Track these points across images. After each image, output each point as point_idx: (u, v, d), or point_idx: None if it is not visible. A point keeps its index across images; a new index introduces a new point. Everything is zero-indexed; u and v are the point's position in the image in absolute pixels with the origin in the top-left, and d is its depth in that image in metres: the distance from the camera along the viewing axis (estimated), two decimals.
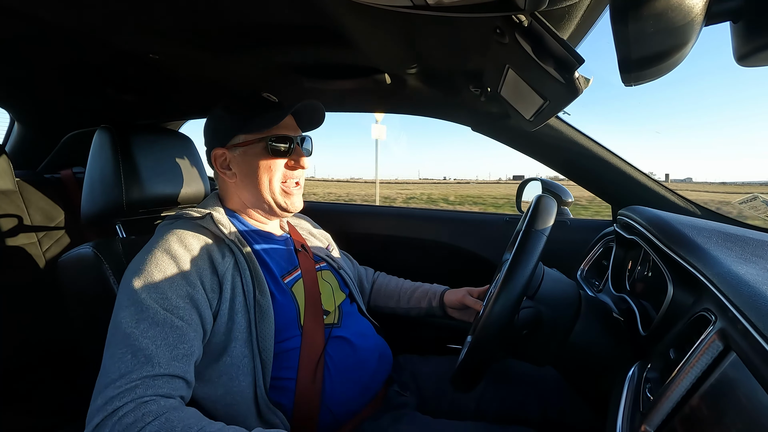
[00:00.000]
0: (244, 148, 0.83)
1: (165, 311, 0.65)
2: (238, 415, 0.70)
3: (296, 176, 0.87)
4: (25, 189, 1.25)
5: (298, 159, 0.85)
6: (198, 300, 0.69)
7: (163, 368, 0.60)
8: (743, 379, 0.37)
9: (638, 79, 0.43)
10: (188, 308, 0.67)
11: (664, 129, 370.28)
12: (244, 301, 0.73)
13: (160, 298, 0.66)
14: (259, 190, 0.84)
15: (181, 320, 0.66)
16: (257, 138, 0.82)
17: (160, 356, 0.61)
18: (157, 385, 0.59)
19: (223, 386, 0.70)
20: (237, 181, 0.85)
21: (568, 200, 1.26)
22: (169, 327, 0.64)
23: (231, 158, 0.85)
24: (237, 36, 0.77)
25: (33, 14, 0.69)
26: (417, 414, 0.82)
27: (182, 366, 0.63)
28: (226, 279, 0.73)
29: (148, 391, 0.58)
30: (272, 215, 0.89)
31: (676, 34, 0.37)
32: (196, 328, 0.68)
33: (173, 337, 0.64)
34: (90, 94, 1.16)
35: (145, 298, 0.65)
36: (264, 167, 0.83)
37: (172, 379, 0.61)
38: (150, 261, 0.70)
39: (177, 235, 0.74)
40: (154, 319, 0.64)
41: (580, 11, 0.58)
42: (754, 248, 0.59)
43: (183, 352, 0.64)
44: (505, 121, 1.17)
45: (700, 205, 1.09)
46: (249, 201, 0.87)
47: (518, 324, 0.68)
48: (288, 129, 0.86)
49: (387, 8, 0.49)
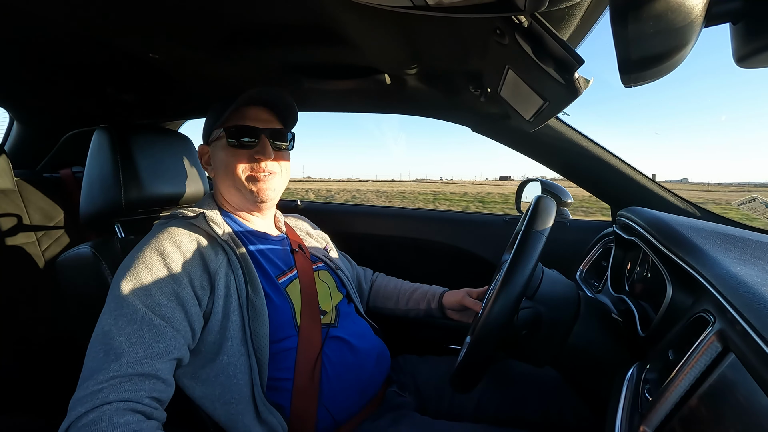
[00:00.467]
0: (215, 143, 0.85)
1: (145, 308, 0.65)
2: (237, 414, 0.70)
3: (264, 169, 0.83)
4: (25, 188, 1.25)
5: (263, 151, 0.81)
6: (184, 298, 0.69)
7: (132, 367, 0.60)
8: (742, 380, 0.37)
9: (638, 80, 0.43)
10: (172, 306, 0.67)
11: (659, 129, 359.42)
12: (237, 300, 0.74)
13: (143, 296, 0.66)
14: (228, 183, 0.84)
15: (161, 319, 0.65)
16: (222, 129, 0.83)
17: (131, 354, 0.61)
18: (123, 389, 0.58)
19: (220, 385, 0.70)
20: (215, 177, 0.88)
21: (568, 201, 1.27)
22: (147, 325, 0.64)
23: (211, 153, 0.88)
24: (237, 36, 0.77)
25: (33, 13, 0.69)
26: (416, 415, 0.82)
27: (155, 364, 0.62)
28: (219, 277, 0.73)
29: (110, 396, 0.57)
30: (254, 209, 0.88)
31: (676, 36, 0.37)
32: (179, 326, 0.67)
33: (150, 336, 0.63)
34: (89, 94, 1.16)
35: (127, 295, 0.65)
36: (228, 156, 0.82)
37: (140, 380, 0.60)
38: (138, 259, 0.70)
39: (169, 233, 0.75)
40: (133, 316, 0.64)
41: (580, 12, 0.58)
42: (753, 249, 0.59)
43: (158, 351, 0.63)
44: (505, 121, 1.17)
45: (699, 206, 1.09)
46: (227, 195, 0.87)
47: (517, 324, 0.68)
48: (256, 121, 0.83)
49: (387, 8, 0.49)
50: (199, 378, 0.71)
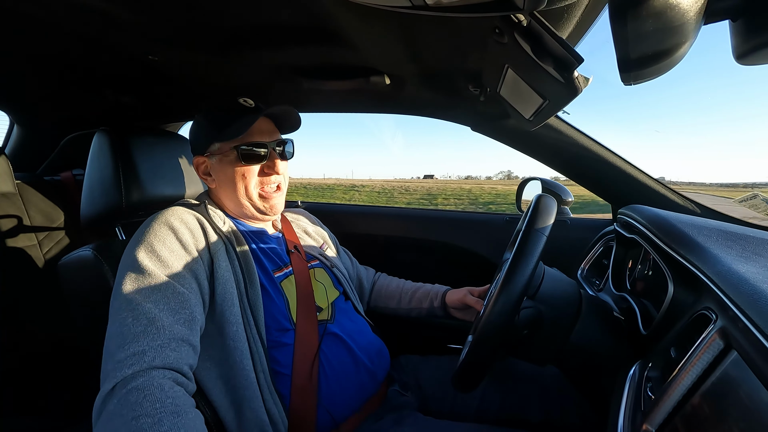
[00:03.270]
0: (220, 156, 0.83)
1: (167, 277, 0.66)
2: (246, 399, 0.70)
3: (273, 181, 0.86)
4: (25, 191, 1.25)
5: (273, 165, 0.84)
6: (196, 269, 0.71)
7: (168, 331, 0.61)
8: (744, 377, 0.37)
9: (638, 78, 0.43)
10: (188, 277, 0.69)
11: (655, 129, 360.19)
12: (235, 287, 0.74)
13: (161, 265, 0.67)
14: (237, 197, 0.84)
15: (182, 286, 0.67)
16: (230, 146, 0.82)
17: (163, 319, 0.61)
18: (166, 354, 0.59)
19: (230, 368, 0.71)
20: (217, 188, 0.87)
21: (568, 199, 1.27)
22: (171, 292, 0.65)
23: (210, 166, 0.86)
24: (236, 37, 0.77)
25: (32, 16, 0.69)
26: (419, 415, 0.82)
27: (185, 330, 0.63)
28: (219, 260, 0.75)
29: (156, 360, 0.57)
30: (256, 220, 0.90)
31: (675, 33, 0.37)
32: (197, 296, 0.69)
33: (175, 302, 0.64)
34: (89, 97, 1.16)
35: (146, 265, 0.66)
36: (239, 175, 0.82)
37: (178, 345, 0.61)
38: (149, 232, 0.71)
39: (173, 211, 0.77)
40: (156, 285, 0.64)
41: (579, 10, 0.58)
42: (754, 246, 0.59)
43: (186, 317, 0.64)
44: (505, 120, 1.17)
45: (700, 203, 1.09)
46: (231, 206, 0.87)
47: (519, 323, 0.68)
48: (262, 134, 0.84)
49: (386, 9, 0.49)
50: (213, 358, 0.72)
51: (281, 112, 0.85)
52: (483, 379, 0.67)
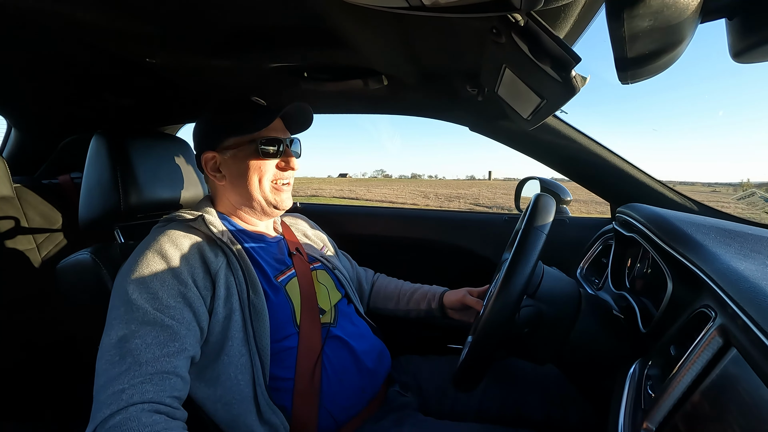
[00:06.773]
0: (234, 151, 0.84)
1: (155, 311, 0.66)
2: (239, 415, 0.70)
3: (286, 177, 0.89)
4: (24, 195, 1.25)
5: (288, 160, 0.87)
6: (191, 298, 0.70)
7: (151, 366, 0.61)
8: (744, 374, 0.37)
9: (635, 77, 0.43)
10: (180, 307, 0.68)
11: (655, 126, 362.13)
12: (238, 300, 0.74)
13: (151, 298, 0.67)
14: (249, 190, 0.85)
15: (172, 319, 0.66)
16: (247, 140, 0.83)
17: (148, 354, 0.62)
18: (145, 389, 0.59)
19: (221, 386, 0.71)
20: (226, 183, 0.87)
21: (567, 198, 1.27)
22: (160, 326, 0.65)
23: (221, 161, 0.86)
24: (233, 40, 0.77)
25: (29, 19, 0.69)
26: (419, 415, 0.82)
27: (173, 361, 0.63)
28: (219, 278, 0.74)
29: (134, 397, 0.58)
30: (263, 215, 0.90)
31: (672, 32, 0.37)
32: (189, 326, 0.68)
33: (164, 336, 0.64)
34: (87, 100, 1.16)
35: (135, 298, 0.66)
36: (255, 168, 0.84)
37: (161, 379, 0.61)
38: (141, 262, 0.70)
39: (168, 235, 0.75)
40: (144, 319, 0.64)
41: (576, 10, 0.58)
42: (753, 244, 0.59)
43: (174, 349, 0.64)
44: (503, 120, 1.17)
45: (698, 201, 1.09)
46: (238, 202, 0.87)
47: (519, 323, 0.68)
48: (277, 131, 0.87)
49: (383, 9, 0.49)
50: (203, 379, 0.72)
51: (299, 111, 0.88)
52: (483, 379, 0.67)
